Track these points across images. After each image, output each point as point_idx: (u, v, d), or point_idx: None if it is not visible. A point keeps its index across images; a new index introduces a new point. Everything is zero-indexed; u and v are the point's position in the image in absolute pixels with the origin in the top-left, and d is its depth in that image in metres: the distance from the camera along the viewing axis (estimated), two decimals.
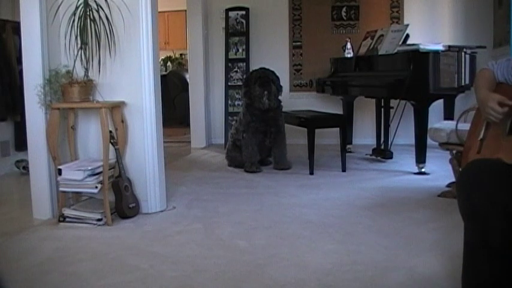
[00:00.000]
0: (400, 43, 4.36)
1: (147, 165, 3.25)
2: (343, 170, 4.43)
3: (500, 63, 1.94)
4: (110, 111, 3.13)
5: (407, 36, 4.48)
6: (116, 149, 3.11)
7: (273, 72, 4.65)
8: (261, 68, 4.69)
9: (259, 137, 4.59)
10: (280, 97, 4.64)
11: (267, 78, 4.54)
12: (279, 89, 4.62)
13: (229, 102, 6.18)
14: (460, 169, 2.18)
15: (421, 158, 4.16)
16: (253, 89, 4.53)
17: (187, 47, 6.32)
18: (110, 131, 3.06)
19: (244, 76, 6.02)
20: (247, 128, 4.57)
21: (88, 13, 2.99)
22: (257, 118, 4.54)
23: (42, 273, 2.28)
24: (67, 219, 3.05)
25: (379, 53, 4.59)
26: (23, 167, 4.55)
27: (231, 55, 6.20)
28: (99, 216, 3.01)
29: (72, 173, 2.98)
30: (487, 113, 1.78)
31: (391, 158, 4.79)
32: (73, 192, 3.21)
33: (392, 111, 4.69)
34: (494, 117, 1.76)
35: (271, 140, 4.63)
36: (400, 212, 3.14)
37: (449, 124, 3.45)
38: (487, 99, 1.79)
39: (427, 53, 3.96)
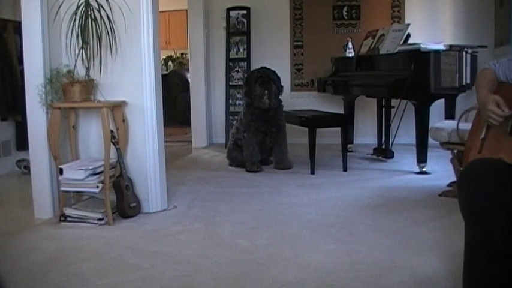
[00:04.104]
0: (401, 42, 4.36)
1: (148, 164, 3.25)
2: (344, 170, 4.43)
3: (501, 62, 1.94)
4: (111, 111, 3.13)
5: (409, 35, 4.48)
6: (117, 149, 3.11)
7: (274, 72, 4.64)
8: (262, 68, 4.69)
9: (260, 137, 4.58)
10: (280, 97, 4.64)
11: (267, 78, 4.54)
12: (280, 89, 4.61)
13: (230, 101, 6.18)
14: (461, 169, 2.18)
15: (422, 158, 4.16)
16: (253, 88, 4.53)
17: (188, 46, 6.31)
18: (111, 131, 3.06)
19: (245, 75, 6.03)
20: (248, 127, 4.57)
21: (89, 12, 2.99)
22: (258, 117, 4.54)
23: (43, 273, 2.28)
24: (68, 219, 3.05)
25: (380, 52, 4.58)
26: (24, 167, 4.56)
27: (232, 54, 6.20)
28: (100, 216, 3.01)
29: (73, 173, 2.98)
30: (487, 116, 1.78)
31: (392, 157, 4.79)
32: (74, 192, 3.21)
33: (393, 110, 4.69)
34: (494, 120, 1.76)
35: (272, 140, 4.63)
36: (401, 211, 3.14)
37: (451, 124, 3.45)
38: (486, 102, 1.79)
39: (428, 53, 3.96)
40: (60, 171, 3.02)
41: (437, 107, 4.39)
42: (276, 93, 4.55)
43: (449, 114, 4.46)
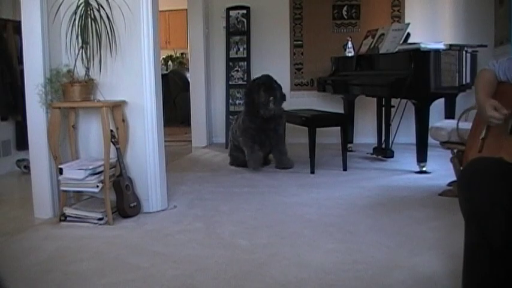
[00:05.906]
0: (401, 42, 4.36)
1: (148, 164, 3.25)
2: (344, 169, 4.43)
3: (501, 62, 1.94)
4: (110, 111, 3.13)
5: (408, 35, 4.47)
6: (117, 148, 3.11)
7: (275, 80, 4.58)
8: (263, 75, 4.63)
9: (258, 142, 4.51)
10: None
11: (270, 85, 4.48)
12: (282, 97, 4.53)
13: (230, 101, 6.18)
14: (461, 168, 2.18)
15: (422, 157, 4.16)
16: (258, 95, 4.42)
17: (188, 46, 6.32)
18: (111, 130, 3.06)
19: (245, 75, 6.03)
20: (246, 133, 4.50)
21: (89, 12, 2.99)
22: (257, 126, 4.46)
23: (44, 273, 2.28)
24: (68, 219, 3.05)
25: (380, 52, 4.58)
26: (24, 166, 4.56)
27: (232, 54, 6.20)
28: (100, 216, 3.01)
29: (73, 172, 2.98)
30: (486, 120, 1.78)
31: (392, 157, 4.79)
32: (74, 192, 3.21)
33: (393, 110, 4.69)
34: (494, 123, 1.76)
35: (269, 144, 4.58)
36: (401, 210, 3.14)
37: (450, 123, 3.45)
38: (484, 108, 1.79)
39: (428, 52, 3.96)
40: (60, 171, 3.02)
41: (437, 106, 4.39)
42: (279, 100, 4.48)
43: (449, 114, 4.46)
